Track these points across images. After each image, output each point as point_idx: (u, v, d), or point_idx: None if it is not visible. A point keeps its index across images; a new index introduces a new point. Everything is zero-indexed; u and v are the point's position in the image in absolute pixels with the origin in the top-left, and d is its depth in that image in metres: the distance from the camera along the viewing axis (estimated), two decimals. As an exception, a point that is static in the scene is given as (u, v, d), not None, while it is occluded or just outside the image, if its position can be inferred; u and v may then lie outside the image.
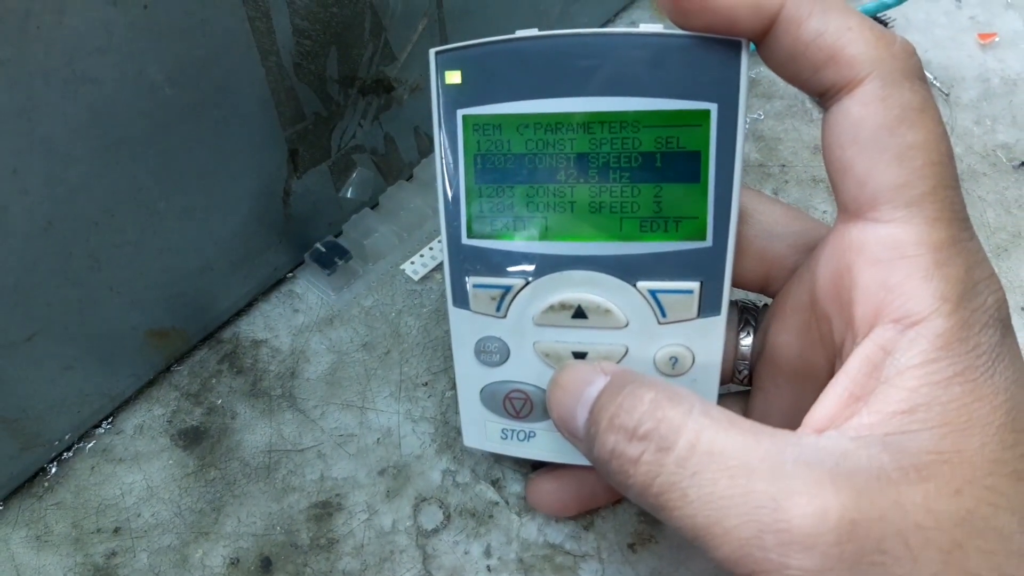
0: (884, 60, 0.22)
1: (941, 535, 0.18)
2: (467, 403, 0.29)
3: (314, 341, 0.36)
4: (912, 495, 0.18)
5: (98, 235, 0.28)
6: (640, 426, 0.21)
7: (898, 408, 0.20)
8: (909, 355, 0.20)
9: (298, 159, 0.34)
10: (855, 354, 0.22)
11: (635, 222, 0.26)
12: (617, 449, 0.21)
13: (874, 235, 0.22)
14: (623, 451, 0.21)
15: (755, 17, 0.23)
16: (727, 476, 0.19)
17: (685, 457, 0.20)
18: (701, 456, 0.20)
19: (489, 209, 0.27)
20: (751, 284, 0.27)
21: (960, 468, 0.19)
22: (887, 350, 0.21)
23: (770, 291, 0.27)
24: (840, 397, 0.21)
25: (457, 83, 0.26)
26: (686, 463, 0.20)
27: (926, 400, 0.20)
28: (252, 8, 0.28)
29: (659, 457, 0.20)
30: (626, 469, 0.21)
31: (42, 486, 0.32)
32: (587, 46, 0.25)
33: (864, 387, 0.21)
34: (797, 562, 0.18)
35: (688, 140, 0.25)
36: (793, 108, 0.44)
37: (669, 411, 0.21)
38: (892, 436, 0.20)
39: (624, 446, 0.21)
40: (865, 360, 0.21)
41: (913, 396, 0.20)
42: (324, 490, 0.31)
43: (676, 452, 0.20)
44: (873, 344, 0.21)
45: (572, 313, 0.26)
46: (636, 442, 0.21)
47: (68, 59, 0.24)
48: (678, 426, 0.21)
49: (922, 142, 0.22)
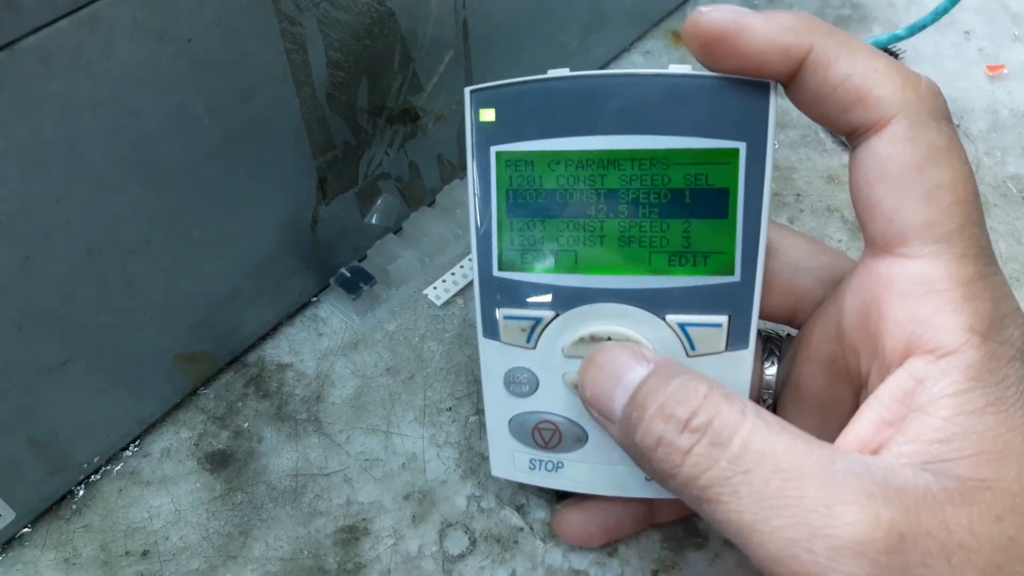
0: (911, 101, 0.23)
1: (982, 557, 0.19)
2: (495, 433, 0.29)
3: (339, 365, 0.36)
4: (957, 516, 0.19)
5: (134, 262, 0.29)
6: (694, 418, 0.21)
7: (935, 436, 0.21)
8: (941, 385, 0.21)
9: (327, 186, 0.34)
10: (887, 383, 0.22)
11: (664, 256, 0.26)
12: (666, 438, 0.22)
13: (903, 270, 0.23)
14: (672, 440, 0.22)
15: (783, 60, 0.23)
16: (779, 478, 0.20)
17: (739, 454, 0.21)
18: (754, 455, 0.20)
19: (520, 242, 0.27)
20: (778, 317, 0.28)
21: (1001, 496, 0.19)
22: (919, 379, 0.21)
23: (796, 323, 0.28)
24: (872, 422, 0.22)
25: (491, 120, 0.27)
26: (739, 460, 0.20)
27: (962, 429, 0.20)
28: (290, 41, 0.29)
29: (712, 451, 0.21)
30: (673, 458, 0.21)
31: (70, 508, 0.32)
32: (618, 86, 0.25)
33: (896, 413, 0.22)
34: (846, 568, 0.19)
35: (717, 177, 0.25)
36: (807, 137, 0.45)
37: (724, 408, 0.21)
38: (930, 465, 0.20)
39: (674, 436, 0.22)
40: (897, 388, 0.22)
41: (948, 425, 0.21)
42: (350, 515, 0.32)
43: (730, 448, 0.21)
44: (905, 373, 0.22)
45: None
46: (688, 433, 0.21)
47: (115, 92, 0.25)
48: (733, 423, 0.21)
49: (949, 181, 0.22)
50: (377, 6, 0.31)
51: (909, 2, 0.53)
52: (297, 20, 0.29)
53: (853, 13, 0.52)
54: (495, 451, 0.30)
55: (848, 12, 0.52)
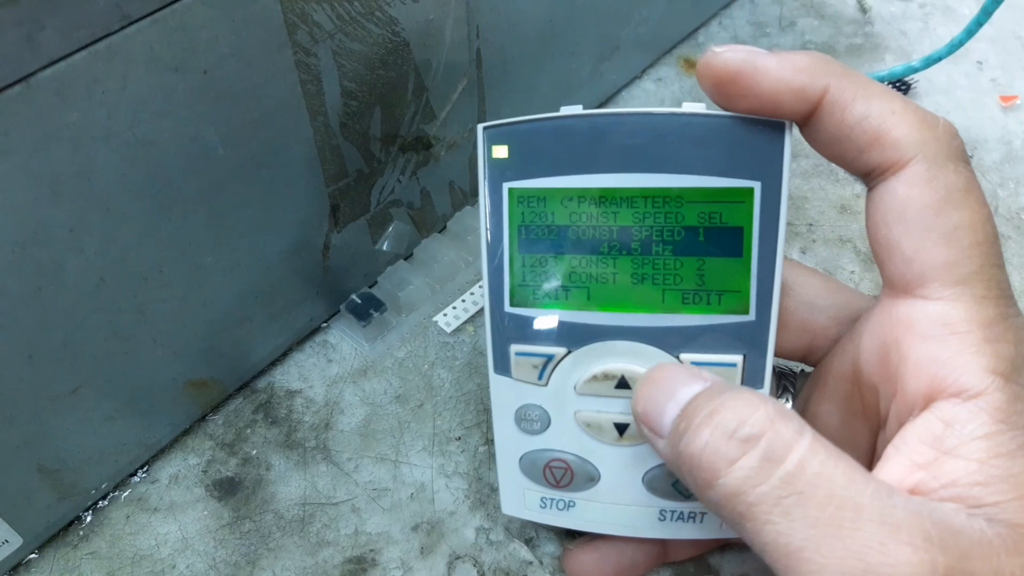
0: (928, 142, 0.23)
1: None
2: (506, 470, 0.29)
3: (348, 392, 0.36)
4: (1011, 565, 0.19)
5: (146, 290, 0.29)
6: (744, 428, 0.21)
7: (974, 479, 0.20)
8: (972, 427, 0.21)
9: (339, 214, 0.34)
10: (913, 425, 0.22)
11: (677, 294, 0.26)
12: (712, 444, 0.21)
13: (923, 312, 0.22)
14: (719, 448, 0.21)
15: (799, 101, 0.23)
16: (835, 505, 0.19)
17: (793, 474, 0.20)
18: (811, 477, 0.20)
19: (532, 278, 0.27)
20: (793, 354, 0.28)
21: None
22: (947, 422, 0.21)
23: (810, 361, 0.28)
24: (902, 464, 0.22)
25: (504, 157, 0.27)
26: (794, 480, 0.20)
27: (1000, 472, 0.20)
28: (305, 72, 0.29)
29: (764, 467, 0.20)
30: (718, 467, 0.21)
31: (77, 535, 0.32)
32: (631, 124, 0.25)
33: (925, 456, 0.21)
34: None
35: (731, 216, 0.25)
36: (819, 167, 0.45)
37: (780, 424, 0.21)
38: (975, 509, 0.20)
39: (721, 443, 0.21)
40: (924, 431, 0.22)
41: (986, 468, 0.20)
42: (358, 545, 0.32)
43: (784, 467, 0.20)
44: (932, 416, 0.22)
45: (615, 383, 0.26)
46: (737, 443, 0.21)
47: (130, 123, 0.25)
48: (788, 441, 0.20)
49: (968, 222, 0.22)
50: (392, 36, 0.31)
51: (922, 32, 0.53)
52: (312, 51, 0.29)
53: (865, 42, 0.52)
54: (505, 489, 0.29)
55: (860, 41, 0.52)
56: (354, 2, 0.29)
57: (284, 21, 0.27)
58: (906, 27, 0.53)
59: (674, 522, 0.28)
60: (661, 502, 0.27)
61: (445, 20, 0.33)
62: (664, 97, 0.49)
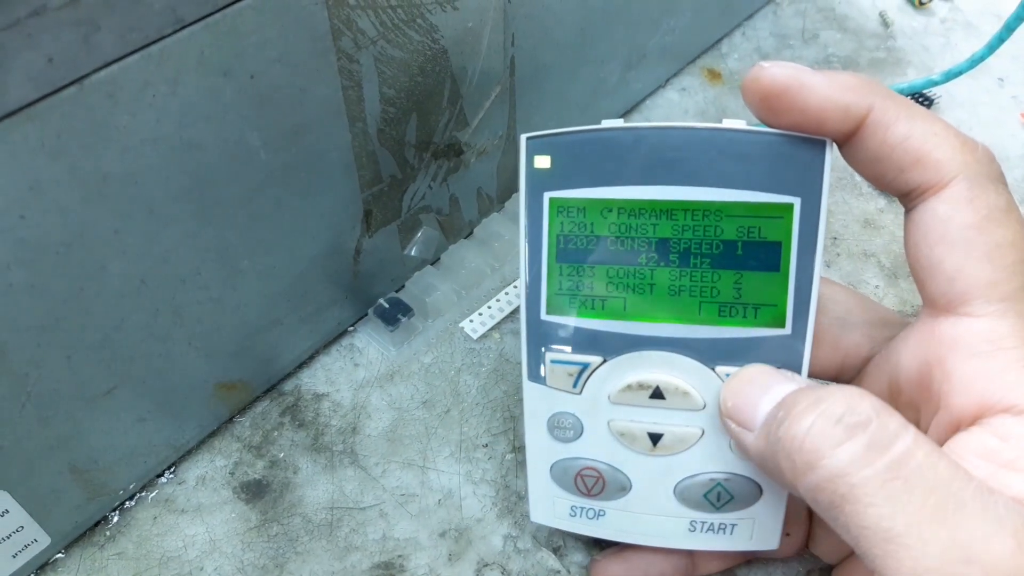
0: (969, 164, 0.23)
1: None
2: (536, 478, 0.29)
3: (375, 397, 0.36)
4: None
5: (184, 292, 0.29)
6: (853, 417, 0.21)
7: None
8: None
9: (371, 219, 0.34)
10: (961, 440, 0.22)
11: (714, 307, 0.26)
12: (817, 427, 0.21)
13: (968, 329, 0.23)
14: (823, 430, 0.21)
15: (843, 118, 0.24)
16: (940, 495, 0.19)
17: (899, 461, 0.20)
18: (916, 468, 0.20)
19: (569, 287, 0.27)
20: (825, 372, 0.28)
21: None
22: (1003, 436, 0.22)
23: (842, 379, 0.28)
24: None
25: (546, 167, 0.27)
26: (900, 467, 0.20)
27: None
28: (347, 78, 0.29)
29: (871, 452, 0.20)
30: (822, 449, 0.21)
31: (104, 535, 0.32)
32: (672, 138, 0.25)
33: (982, 469, 0.21)
34: None
35: (770, 231, 0.25)
36: (843, 181, 0.45)
37: (885, 416, 0.21)
38: None
39: (826, 426, 0.21)
40: (979, 445, 0.22)
41: None
42: (386, 550, 0.32)
43: (891, 454, 0.20)
44: (984, 431, 0.22)
45: (650, 393, 0.27)
46: (844, 428, 0.21)
47: (177, 126, 0.25)
48: (894, 432, 0.20)
49: (1010, 241, 0.23)
50: (431, 44, 0.31)
51: (943, 47, 0.53)
52: (355, 58, 0.29)
53: (888, 56, 0.52)
54: (535, 497, 0.29)
55: (883, 55, 0.52)
56: (397, 9, 0.29)
57: (330, 27, 0.27)
58: (928, 42, 0.53)
59: (704, 533, 0.28)
60: (692, 513, 0.28)
61: (483, 28, 0.33)
62: (688, 107, 0.49)
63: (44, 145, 0.22)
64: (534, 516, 0.30)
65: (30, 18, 0.20)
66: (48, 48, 0.21)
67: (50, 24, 0.21)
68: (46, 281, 0.24)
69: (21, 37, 0.20)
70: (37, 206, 0.23)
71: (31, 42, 0.21)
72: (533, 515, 0.30)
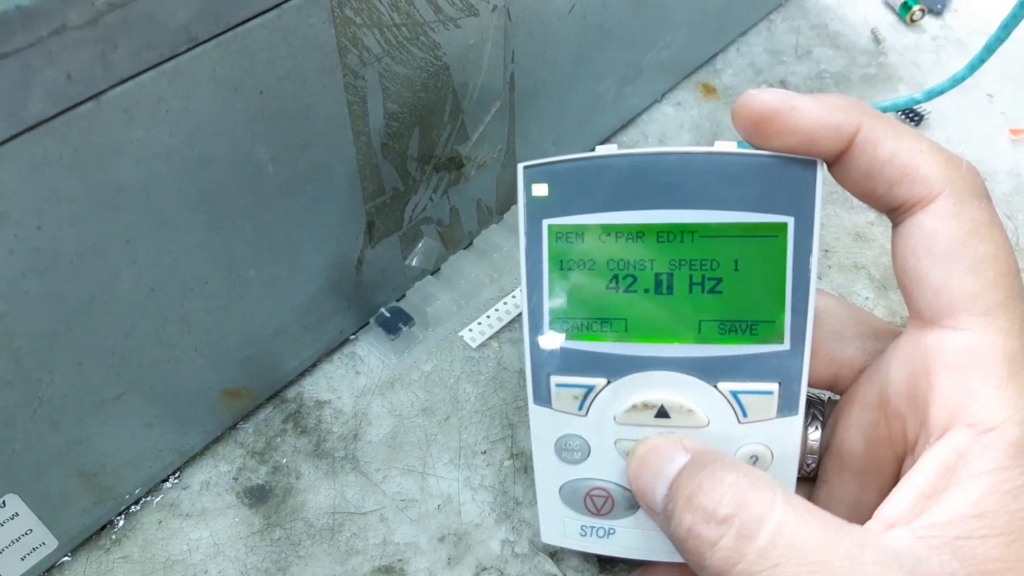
0: (955, 180, 0.24)
1: None
2: (546, 499, 0.30)
3: (376, 404, 0.37)
4: None
5: (192, 301, 0.29)
6: (720, 510, 0.22)
7: (968, 512, 0.21)
8: (982, 461, 0.22)
9: (374, 230, 0.35)
10: (928, 455, 0.23)
11: (714, 325, 0.27)
12: (694, 530, 0.22)
13: (951, 342, 0.23)
14: (700, 532, 0.22)
15: (834, 137, 0.25)
16: (808, 571, 0.20)
17: (767, 548, 0.21)
18: (783, 548, 0.21)
19: (571, 311, 0.28)
20: (820, 383, 0.29)
21: None
22: (960, 453, 0.22)
23: (837, 389, 0.29)
24: (912, 495, 0.22)
25: (543, 195, 0.27)
26: (768, 554, 0.21)
27: (995, 508, 0.21)
28: (352, 94, 0.30)
29: (740, 545, 0.21)
30: (702, 551, 0.22)
31: (109, 539, 0.33)
32: (666, 163, 0.26)
33: (935, 487, 0.22)
34: None
35: (766, 250, 0.26)
36: (834, 195, 0.46)
37: (751, 497, 0.22)
38: (961, 540, 0.21)
39: (702, 527, 0.22)
40: (939, 461, 0.22)
41: (982, 502, 0.21)
42: (387, 555, 0.32)
43: (758, 542, 0.21)
44: (947, 446, 0.22)
45: (655, 412, 0.27)
46: (715, 525, 0.22)
47: (189, 140, 0.26)
48: (760, 515, 0.21)
49: (993, 255, 0.23)
50: (434, 60, 0.32)
51: (934, 64, 0.54)
52: (360, 74, 0.30)
53: (879, 72, 0.53)
54: (545, 518, 0.30)
55: (874, 71, 0.53)
56: (402, 27, 0.30)
57: (336, 45, 0.28)
58: (919, 59, 0.54)
59: None
60: None
61: (484, 45, 0.34)
62: (683, 121, 0.50)
63: (62, 158, 0.23)
64: (545, 537, 0.30)
65: (51, 36, 0.21)
66: (67, 65, 0.22)
67: (70, 42, 0.21)
68: (60, 289, 0.25)
69: (42, 55, 0.21)
70: (53, 217, 0.24)
71: (51, 59, 0.21)
72: (544, 536, 0.30)
